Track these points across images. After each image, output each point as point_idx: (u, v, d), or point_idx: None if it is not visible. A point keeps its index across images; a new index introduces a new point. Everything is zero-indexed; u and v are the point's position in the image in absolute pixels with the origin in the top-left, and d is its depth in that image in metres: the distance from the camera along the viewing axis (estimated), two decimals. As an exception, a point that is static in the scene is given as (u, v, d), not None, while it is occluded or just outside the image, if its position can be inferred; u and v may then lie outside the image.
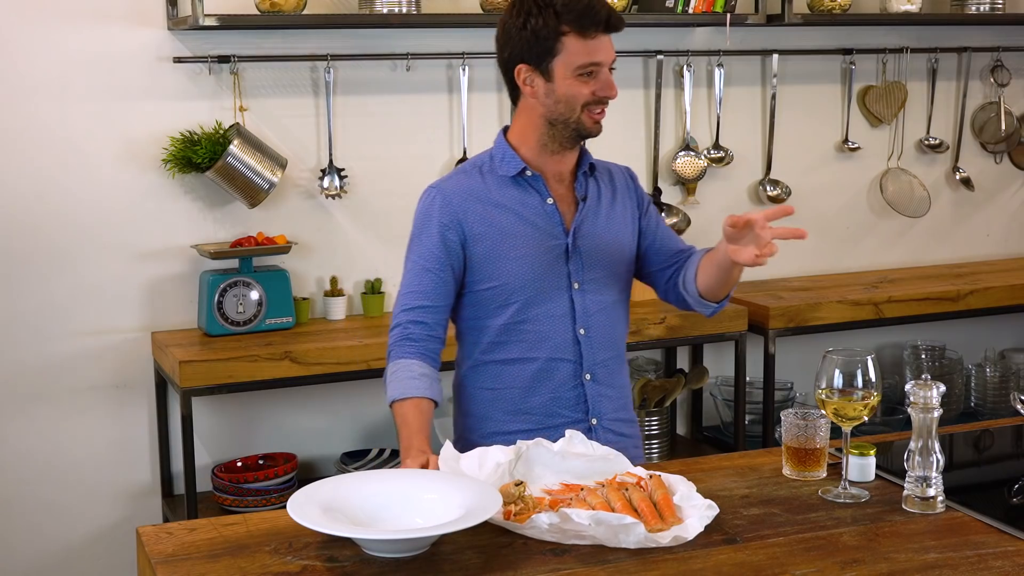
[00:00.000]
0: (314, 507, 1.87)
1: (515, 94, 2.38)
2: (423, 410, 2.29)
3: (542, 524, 1.85)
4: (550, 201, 2.38)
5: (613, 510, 1.91)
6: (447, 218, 2.36)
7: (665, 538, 1.84)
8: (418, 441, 2.25)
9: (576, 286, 2.38)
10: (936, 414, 1.98)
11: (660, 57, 3.89)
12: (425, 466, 2.17)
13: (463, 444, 2.38)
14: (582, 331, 2.38)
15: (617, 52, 4.04)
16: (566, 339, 2.37)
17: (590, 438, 2.24)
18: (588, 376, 2.39)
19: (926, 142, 4.34)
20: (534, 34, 2.27)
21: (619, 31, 2.30)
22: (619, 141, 3.92)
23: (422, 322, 2.36)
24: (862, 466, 2.13)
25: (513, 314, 2.36)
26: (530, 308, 2.36)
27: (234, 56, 3.45)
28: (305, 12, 3.40)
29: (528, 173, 2.37)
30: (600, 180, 2.46)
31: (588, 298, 2.39)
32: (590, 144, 2.46)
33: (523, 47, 2.29)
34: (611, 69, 2.34)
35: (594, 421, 2.40)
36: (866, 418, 2.05)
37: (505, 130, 2.45)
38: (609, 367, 2.42)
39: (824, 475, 2.15)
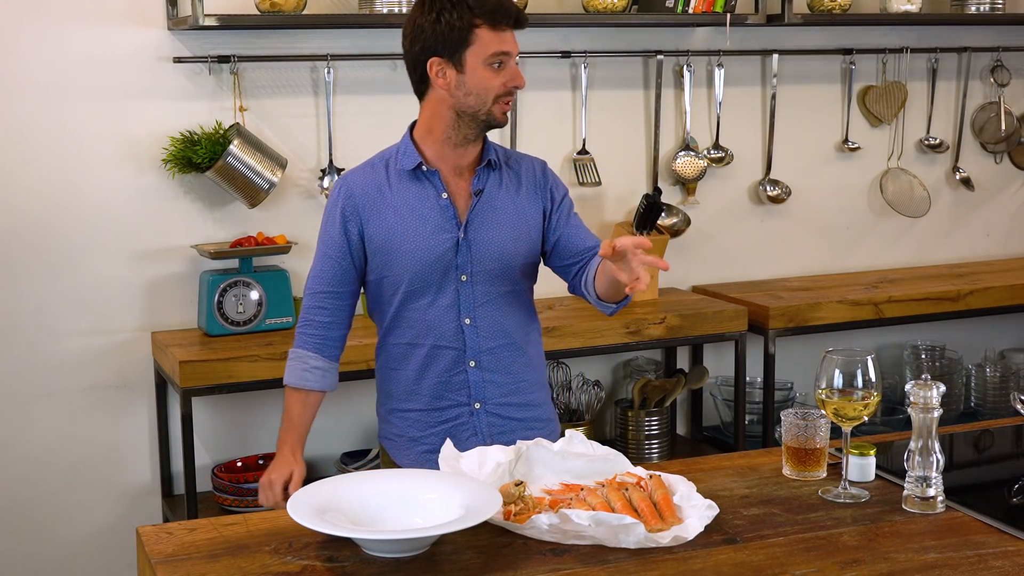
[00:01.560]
0: (314, 507, 1.87)
1: (421, 88, 2.47)
2: (309, 403, 2.57)
3: (542, 525, 1.85)
4: (444, 196, 2.47)
5: (613, 510, 1.91)
6: (349, 210, 2.49)
7: (665, 538, 1.84)
8: (291, 440, 2.56)
9: (464, 278, 2.48)
10: (936, 414, 1.98)
11: (660, 57, 3.89)
12: (288, 480, 2.49)
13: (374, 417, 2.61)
14: (467, 321, 2.50)
15: (617, 52, 4.07)
16: (451, 328, 2.49)
17: (475, 421, 2.52)
18: (473, 363, 2.51)
19: (926, 142, 4.34)
20: (448, 26, 2.37)
21: (523, 28, 2.43)
22: (619, 141, 3.93)
23: (323, 307, 2.53)
24: (862, 466, 2.13)
25: (400, 303, 2.50)
26: (417, 299, 2.49)
27: (234, 56, 3.45)
28: (305, 12, 3.40)
29: (424, 168, 2.47)
30: (504, 173, 2.53)
31: (477, 289, 2.49)
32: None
33: (436, 40, 2.38)
34: (515, 63, 2.45)
35: (477, 405, 2.53)
36: (866, 418, 2.05)
37: (412, 126, 2.55)
38: (497, 354, 2.53)
39: (824, 475, 2.15)
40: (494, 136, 2.67)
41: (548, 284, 3.88)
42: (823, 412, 2.08)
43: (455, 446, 2.30)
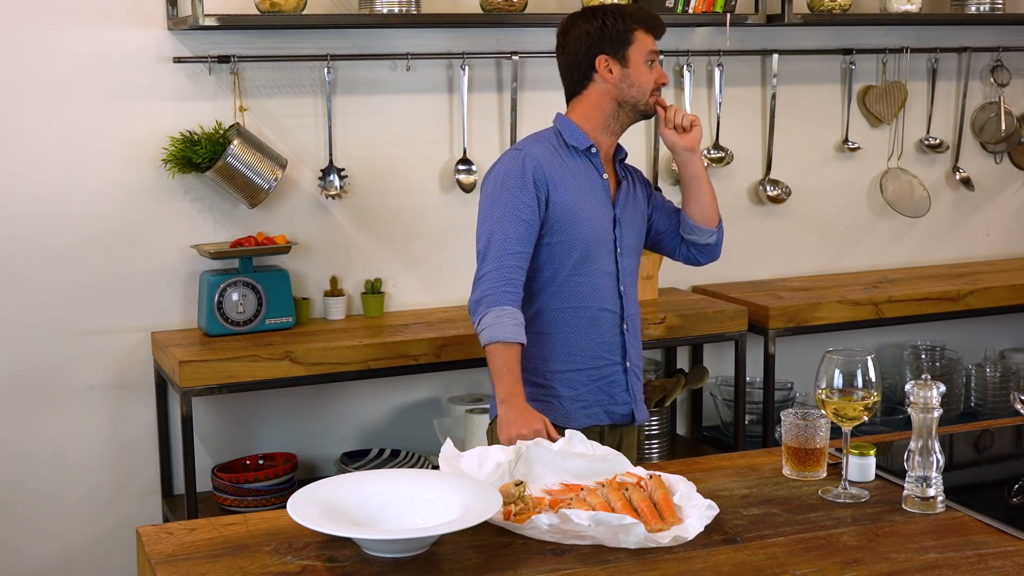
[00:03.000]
0: (314, 507, 1.87)
1: (581, 85, 2.76)
2: (519, 353, 2.62)
3: (542, 525, 1.85)
4: (605, 176, 2.77)
5: (613, 510, 1.91)
6: (539, 177, 2.68)
7: (665, 538, 1.84)
8: (522, 393, 2.57)
9: (619, 251, 2.77)
10: (936, 414, 1.98)
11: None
12: (540, 433, 2.44)
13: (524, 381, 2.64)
14: (622, 288, 2.78)
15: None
16: (612, 293, 2.76)
17: (629, 379, 2.78)
18: (626, 326, 2.78)
19: (926, 142, 4.34)
20: (614, 29, 2.73)
21: (661, 38, 2.82)
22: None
23: (520, 266, 2.66)
24: (862, 466, 2.13)
25: (573, 267, 2.71)
26: (587, 263, 2.72)
27: (234, 56, 3.45)
28: (305, 12, 3.40)
29: (593, 149, 2.76)
30: (627, 168, 2.86)
31: (625, 262, 2.78)
32: None
33: (604, 40, 2.73)
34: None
35: (628, 364, 2.78)
36: (866, 418, 2.05)
37: (559, 118, 2.81)
38: (635, 321, 2.82)
39: (824, 475, 2.16)
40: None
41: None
42: (823, 412, 2.09)
43: (608, 402, 2.75)
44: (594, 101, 2.77)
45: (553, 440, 2.29)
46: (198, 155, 3.36)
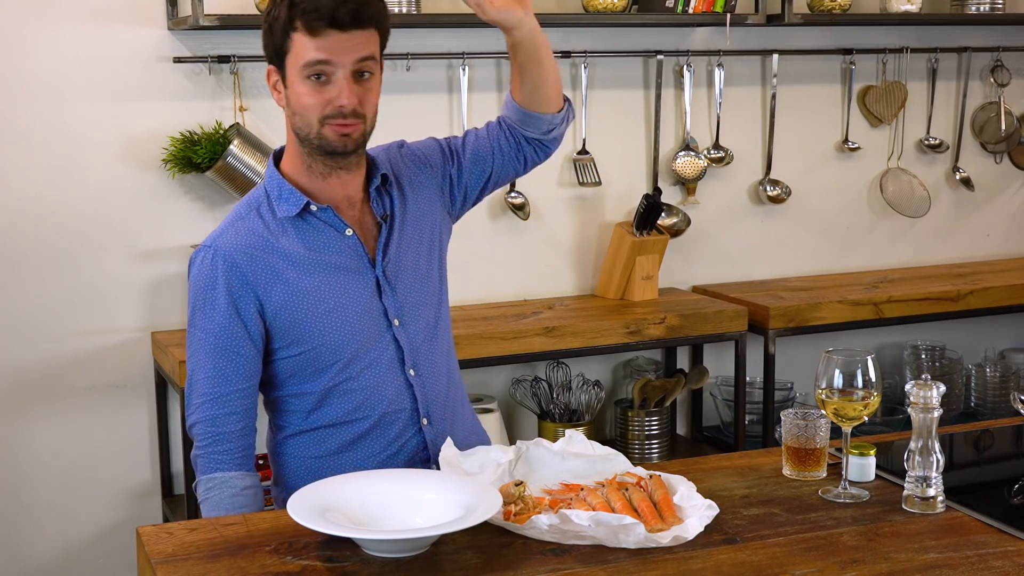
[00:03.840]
0: (314, 507, 1.87)
1: None
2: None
3: (542, 525, 1.85)
4: (349, 233, 2.10)
5: (613, 510, 1.91)
6: (235, 284, 2.05)
7: (665, 538, 1.84)
8: None
9: (396, 323, 2.13)
10: (936, 414, 1.98)
11: (660, 57, 3.89)
12: None
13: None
14: (412, 372, 2.16)
15: (617, 52, 4.06)
16: (398, 385, 2.15)
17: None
18: (425, 420, 2.19)
19: (926, 142, 4.34)
20: (270, 28, 2.02)
21: (352, 28, 1.98)
22: (619, 141, 3.93)
23: (233, 412, 2.08)
24: (862, 466, 2.13)
25: (335, 375, 2.12)
26: (353, 364, 2.11)
27: (234, 56, 3.45)
28: (305, 12, 3.40)
29: (313, 208, 2.08)
30: (395, 186, 2.18)
31: (411, 329, 2.15)
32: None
33: (267, 44, 2.05)
34: (360, 73, 2.02)
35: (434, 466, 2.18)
36: (866, 418, 2.05)
37: (278, 155, 2.16)
38: (442, 402, 2.21)
39: (824, 475, 2.15)
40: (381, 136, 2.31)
41: (547, 283, 3.90)
42: (823, 412, 2.08)
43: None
44: (289, 136, 2.11)
45: None
46: (198, 155, 3.36)
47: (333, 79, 2.01)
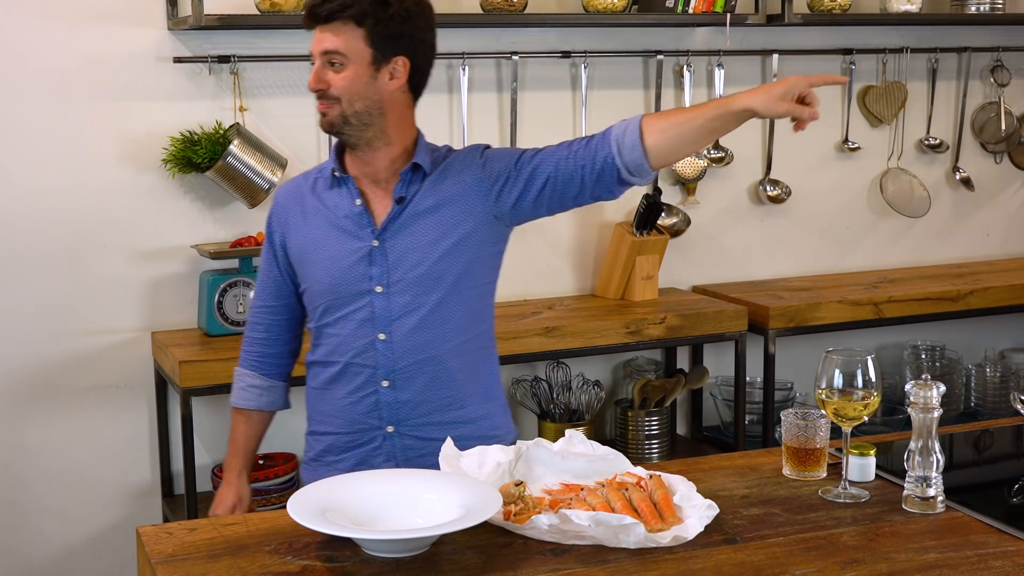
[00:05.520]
0: (314, 507, 1.87)
1: None
2: (252, 423, 2.55)
3: (542, 525, 1.85)
4: (358, 202, 2.37)
5: (613, 510, 1.91)
6: (275, 221, 2.48)
7: (665, 538, 1.84)
8: (236, 464, 2.53)
9: (379, 289, 2.35)
10: (936, 414, 1.98)
11: (660, 57, 3.89)
12: (232, 509, 2.46)
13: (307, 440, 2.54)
14: (382, 336, 2.36)
15: (617, 52, 4.06)
16: (365, 344, 2.36)
17: (386, 447, 2.38)
18: (386, 383, 2.37)
19: (926, 142, 4.34)
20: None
21: (320, 23, 2.29)
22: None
23: (258, 323, 2.52)
24: (862, 466, 2.13)
25: (319, 317, 2.42)
26: (332, 312, 2.39)
27: (234, 56, 3.45)
28: (305, 12, 3.40)
29: (338, 175, 2.40)
30: (437, 179, 2.38)
31: (394, 301, 2.35)
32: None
33: None
34: (333, 63, 2.31)
35: (390, 429, 2.39)
36: (866, 418, 2.05)
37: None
38: (413, 372, 2.36)
39: (824, 475, 2.15)
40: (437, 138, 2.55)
41: (547, 283, 3.90)
42: (823, 412, 2.08)
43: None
44: None
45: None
46: (198, 155, 3.36)
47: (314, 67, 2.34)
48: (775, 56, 4.02)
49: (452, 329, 2.38)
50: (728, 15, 3.73)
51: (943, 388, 1.99)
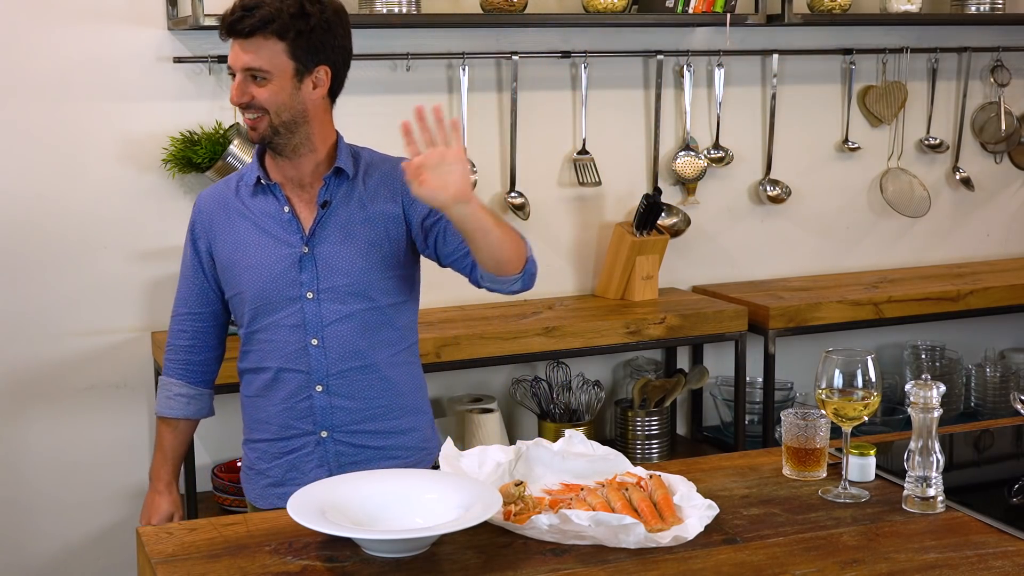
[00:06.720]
0: (314, 507, 1.87)
1: None
2: (179, 432, 2.55)
3: (542, 525, 1.85)
4: (286, 209, 2.38)
5: (613, 510, 1.91)
6: (198, 227, 2.47)
7: (665, 538, 1.84)
8: (164, 474, 2.53)
9: (310, 296, 2.36)
10: (936, 414, 1.98)
11: (660, 57, 3.89)
12: (169, 518, 2.47)
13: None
14: (315, 342, 2.37)
15: (617, 52, 4.06)
16: (295, 349, 2.38)
17: (318, 452, 2.40)
18: (320, 387, 2.39)
19: (926, 142, 4.34)
20: None
21: (241, 38, 2.31)
22: (619, 141, 3.93)
23: (183, 330, 2.53)
24: (862, 466, 2.13)
25: (249, 323, 2.42)
26: (262, 318, 2.40)
27: (234, 56, 3.45)
28: (305, 12, 3.40)
29: (264, 182, 2.40)
30: (360, 183, 2.40)
31: (324, 307, 2.36)
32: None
33: None
34: (256, 77, 2.32)
35: (324, 434, 2.40)
36: (866, 418, 2.05)
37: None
38: (349, 377, 2.39)
39: (824, 475, 2.16)
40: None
41: (547, 283, 3.90)
42: (823, 412, 2.09)
43: (299, 479, 2.36)
44: None
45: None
46: (198, 155, 3.36)
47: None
48: (775, 56, 4.02)
49: (385, 339, 2.41)
50: (728, 15, 3.73)
51: (943, 388, 1.99)
